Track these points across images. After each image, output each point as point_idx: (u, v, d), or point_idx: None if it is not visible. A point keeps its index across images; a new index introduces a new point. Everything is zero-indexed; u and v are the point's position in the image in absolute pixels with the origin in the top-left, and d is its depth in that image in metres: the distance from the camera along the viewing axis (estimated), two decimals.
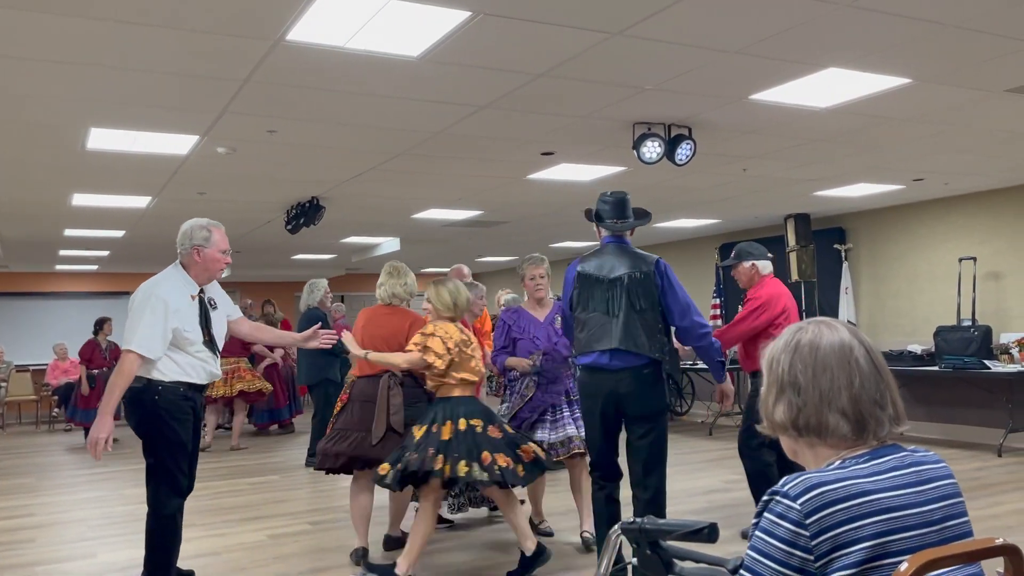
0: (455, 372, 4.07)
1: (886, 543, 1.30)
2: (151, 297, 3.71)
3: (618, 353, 3.75)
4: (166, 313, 3.67)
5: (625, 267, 3.80)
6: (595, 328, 3.80)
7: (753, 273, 4.94)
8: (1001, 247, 8.35)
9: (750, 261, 4.95)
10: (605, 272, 3.82)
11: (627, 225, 3.94)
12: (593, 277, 3.84)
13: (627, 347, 3.73)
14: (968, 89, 4.72)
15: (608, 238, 3.95)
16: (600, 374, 3.80)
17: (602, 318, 3.79)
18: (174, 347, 3.72)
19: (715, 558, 1.60)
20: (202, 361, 3.81)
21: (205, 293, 3.90)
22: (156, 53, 3.78)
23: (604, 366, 3.78)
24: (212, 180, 6.76)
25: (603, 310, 3.80)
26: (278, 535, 5.29)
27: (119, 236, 10.01)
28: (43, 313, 14.65)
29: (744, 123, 5.36)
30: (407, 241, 10.94)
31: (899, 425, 1.45)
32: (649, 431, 3.82)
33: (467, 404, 4.09)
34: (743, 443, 4.91)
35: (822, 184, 7.78)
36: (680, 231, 11.16)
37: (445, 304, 4.17)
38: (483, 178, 7.01)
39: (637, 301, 3.76)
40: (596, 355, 3.80)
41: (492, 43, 3.78)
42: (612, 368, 3.77)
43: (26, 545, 5.27)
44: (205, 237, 3.85)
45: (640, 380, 3.77)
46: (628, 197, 3.98)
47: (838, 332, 1.48)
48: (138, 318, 3.68)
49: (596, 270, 3.85)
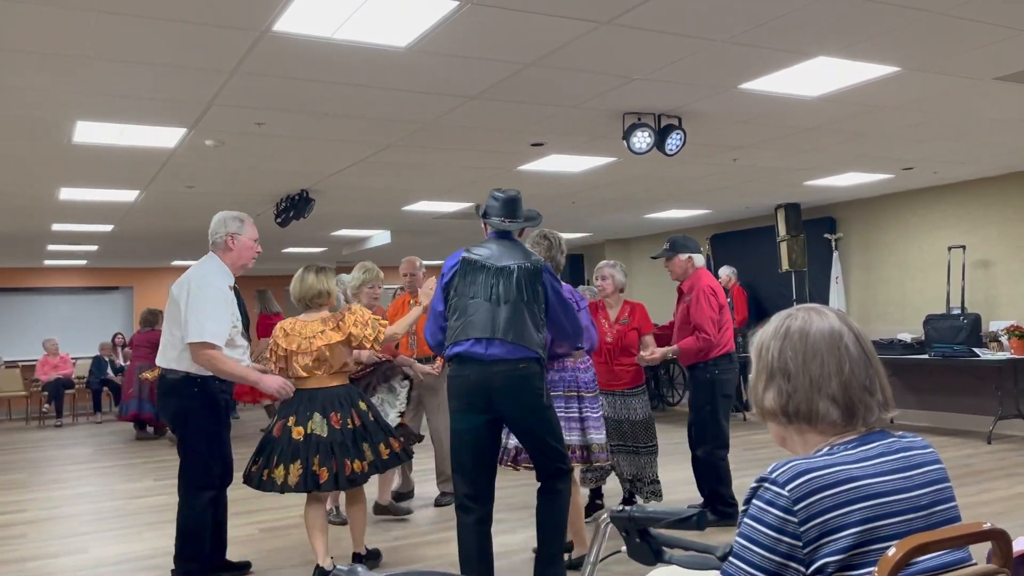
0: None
1: (874, 528, 1.31)
2: (209, 287, 3.74)
3: (500, 343, 3.44)
4: (226, 301, 3.77)
5: (515, 258, 3.55)
6: (474, 314, 3.49)
7: (688, 266, 5.08)
8: (990, 235, 8.38)
9: (686, 254, 5.09)
10: (492, 260, 3.55)
11: (515, 226, 3.71)
12: (479, 263, 3.55)
13: (512, 338, 3.44)
14: (957, 77, 4.73)
15: (493, 234, 3.70)
16: (471, 365, 3.46)
17: (484, 304, 3.49)
18: None
19: (705, 545, 1.61)
20: (241, 349, 3.89)
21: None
22: (142, 45, 3.75)
23: (478, 356, 3.45)
24: (200, 173, 6.72)
25: (485, 296, 3.50)
26: (270, 528, 5.28)
27: (108, 230, 9.96)
28: (32, 308, 14.56)
29: (734, 113, 5.36)
30: (398, 233, 10.92)
31: (888, 411, 1.46)
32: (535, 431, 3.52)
33: None
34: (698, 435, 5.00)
35: (812, 174, 7.79)
36: (671, 222, 11.17)
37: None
38: (473, 169, 6.99)
39: (524, 292, 3.50)
40: (471, 343, 3.47)
41: (480, 33, 3.76)
42: (487, 359, 3.43)
43: (17, 541, 5.25)
44: (239, 226, 3.97)
45: (516, 374, 3.44)
46: (520, 197, 3.74)
47: (827, 318, 1.48)
48: (202, 309, 3.67)
49: (482, 258, 3.57)
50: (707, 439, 4.93)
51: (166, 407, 3.88)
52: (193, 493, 3.86)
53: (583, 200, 8.64)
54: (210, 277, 3.82)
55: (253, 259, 4.05)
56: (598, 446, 4.18)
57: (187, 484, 3.88)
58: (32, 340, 13.29)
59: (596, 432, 4.20)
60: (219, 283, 3.82)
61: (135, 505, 6.14)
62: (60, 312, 14.54)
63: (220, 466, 3.92)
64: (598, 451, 4.17)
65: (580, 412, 4.20)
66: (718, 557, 1.52)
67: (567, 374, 4.23)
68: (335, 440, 3.87)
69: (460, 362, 3.49)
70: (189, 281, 3.80)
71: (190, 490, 3.87)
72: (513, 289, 3.49)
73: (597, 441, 4.18)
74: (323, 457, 3.83)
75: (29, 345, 13.35)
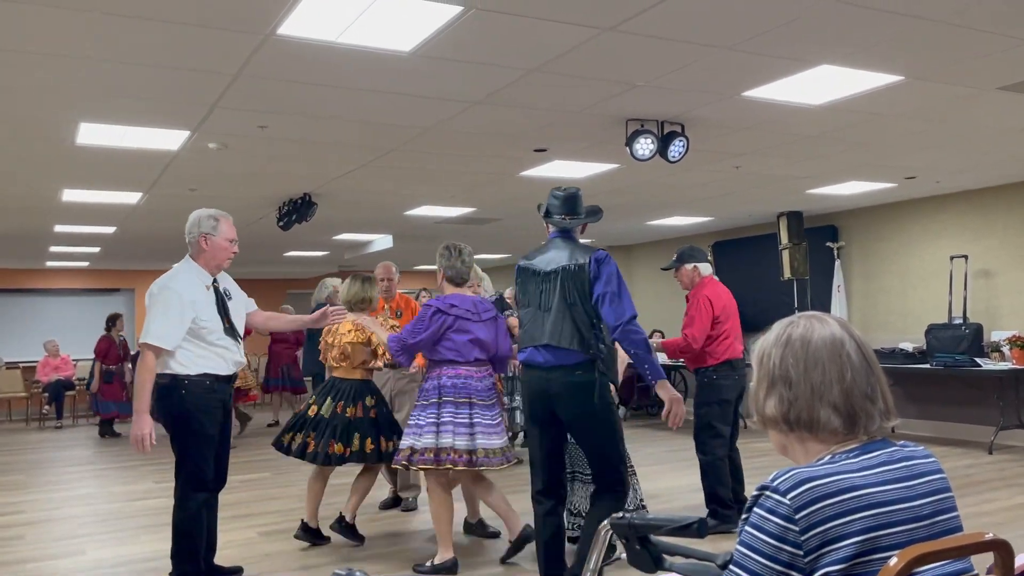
0: None
1: (875, 538, 1.30)
2: (164, 290, 3.79)
3: (550, 349, 3.55)
4: (180, 305, 3.75)
5: (562, 260, 3.62)
6: (530, 323, 3.66)
7: (694, 275, 5.16)
8: (992, 245, 8.37)
9: (691, 264, 5.17)
10: (542, 266, 3.67)
11: (576, 222, 3.77)
12: (530, 271, 3.71)
13: (558, 343, 3.53)
14: (960, 86, 4.73)
15: (554, 233, 3.78)
16: (533, 371, 3.63)
17: (536, 312, 3.64)
18: (195, 339, 3.79)
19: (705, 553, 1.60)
20: (224, 349, 3.88)
21: (219, 283, 3.98)
22: (146, 47, 3.75)
23: (538, 363, 3.60)
24: (203, 176, 6.73)
25: (536, 304, 3.64)
26: (269, 532, 5.27)
27: (110, 232, 9.97)
28: (34, 310, 14.57)
29: (737, 120, 5.36)
30: (400, 238, 10.92)
31: (889, 419, 1.45)
32: (591, 435, 3.59)
33: None
34: (698, 437, 5.12)
35: (815, 182, 7.79)
36: (673, 229, 11.17)
37: None
38: (476, 174, 6.99)
39: (568, 295, 3.55)
40: (531, 351, 3.62)
41: (484, 38, 3.76)
42: (544, 365, 3.57)
43: (15, 542, 5.24)
44: (213, 226, 3.94)
45: (571, 380, 3.52)
46: (580, 193, 3.81)
47: (829, 326, 1.47)
48: (152, 312, 3.76)
49: (534, 264, 3.71)
50: (705, 442, 5.05)
51: (158, 410, 3.86)
52: (186, 495, 3.86)
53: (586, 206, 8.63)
54: (172, 281, 3.83)
55: (229, 259, 4.00)
56: (484, 451, 4.14)
57: (180, 486, 3.88)
58: (33, 341, 13.28)
59: (485, 438, 4.17)
60: (178, 287, 3.79)
61: (134, 507, 6.13)
62: (61, 313, 14.54)
63: (214, 469, 3.91)
64: (483, 456, 4.13)
65: (470, 418, 4.17)
66: (719, 565, 1.51)
67: (459, 381, 4.20)
68: (332, 422, 4.60)
69: (526, 369, 3.71)
70: (153, 285, 3.85)
71: (184, 492, 3.87)
72: (557, 293, 3.57)
73: (483, 446, 4.15)
74: (317, 434, 4.61)
75: (30, 346, 13.35)
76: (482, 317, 4.25)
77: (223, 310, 3.90)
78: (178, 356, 3.77)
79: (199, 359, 3.80)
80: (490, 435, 4.21)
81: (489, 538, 4.97)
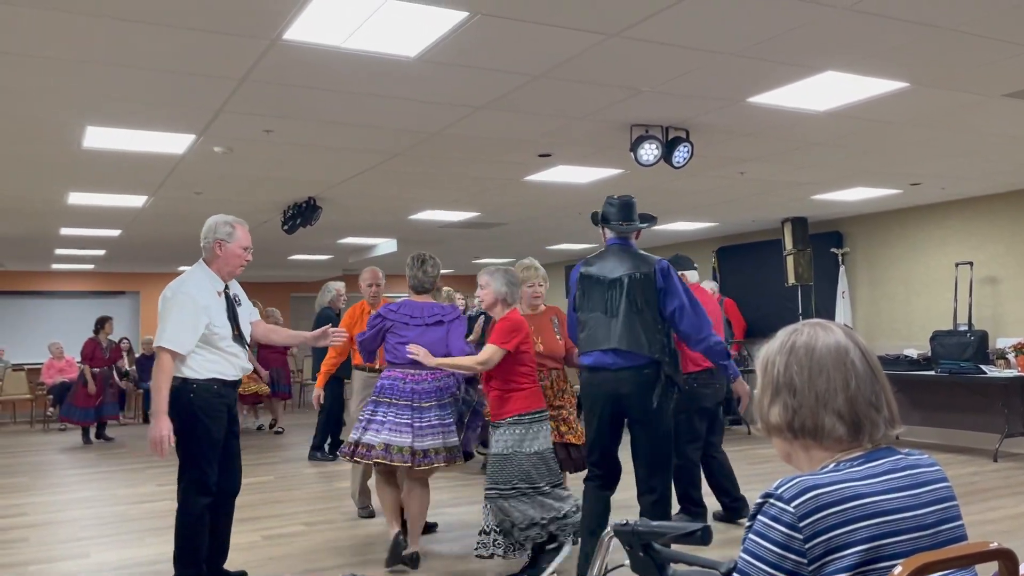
0: None
1: (880, 547, 1.29)
2: (178, 294, 3.82)
3: (619, 353, 3.78)
4: (195, 309, 3.78)
5: (626, 268, 3.85)
6: (595, 328, 3.85)
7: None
8: (998, 252, 8.35)
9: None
10: (605, 273, 3.89)
11: (632, 228, 4.01)
12: (594, 278, 3.91)
13: (627, 347, 3.76)
14: (965, 93, 4.72)
15: (612, 240, 4.02)
16: (602, 373, 3.84)
17: (602, 318, 3.84)
18: (206, 344, 3.82)
19: (709, 561, 1.59)
20: (233, 355, 3.91)
21: (230, 290, 4.00)
22: (153, 51, 3.77)
23: (607, 366, 3.82)
24: (209, 179, 6.74)
25: (602, 310, 3.85)
26: (272, 536, 5.27)
27: (115, 235, 9.99)
28: (39, 312, 14.62)
29: (742, 126, 5.36)
30: (404, 242, 10.93)
31: (894, 427, 1.45)
32: (651, 432, 3.84)
33: None
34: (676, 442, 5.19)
35: (819, 188, 7.78)
36: (677, 234, 11.16)
37: None
38: (480, 179, 7.00)
39: (636, 301, 3.79)
40: (598, 354, 3.84)
41: (489, 44, 3.77)
42: (613, 367, 3.80)
43: (19, 544, 5.25)
44: (228, 232, 3.97)
45: (640, 380, 3.78)
46: (635, 201, 4.07)
47: (833, 334, 1.47)
48: (166, 315, 3.78)
49: (597, 271, 3.92)
50: (681, 447, 5.09)
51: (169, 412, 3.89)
52: (189, 498, 3.86)
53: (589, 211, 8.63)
54: (185, 285, 3.86)
55: (242, 267, 4.03)
56: (421, 452, 4.30)
57: (183, 489, 3.89)
58: (38, 343, 13.30)
59: (419, 440, 4.32)
60: (192, 291, 3.81)
61: (137, 510, 6.13)
62: (66, 316, 14.58)
63: (218, 473, 3.91)
64: (421, 456, 4.29)
65: (411, 419, 4.34)
66: (722, 573, 1.51)
67: (394, 382, 4.41)
68: None
69: (591, 371, 3.87)
70: (166, 289, 3.87)
71: (187, 495, 3.88)
72: (624, 300, 3.80)
73: (419, 447, 4.30)
74: None
75: (35, 349, 13.38)
76: (426, 322, 4.44)
77: (233, 316, 3.93)
78: (188, 360, 3.79)
79: (209, 364, 3.82)
80: (430, 436, 4.36)
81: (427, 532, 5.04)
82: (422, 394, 4.42)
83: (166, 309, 3.81)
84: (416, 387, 4.43)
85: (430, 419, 4.38)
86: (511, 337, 4.06)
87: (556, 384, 4.65)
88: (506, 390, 4.11)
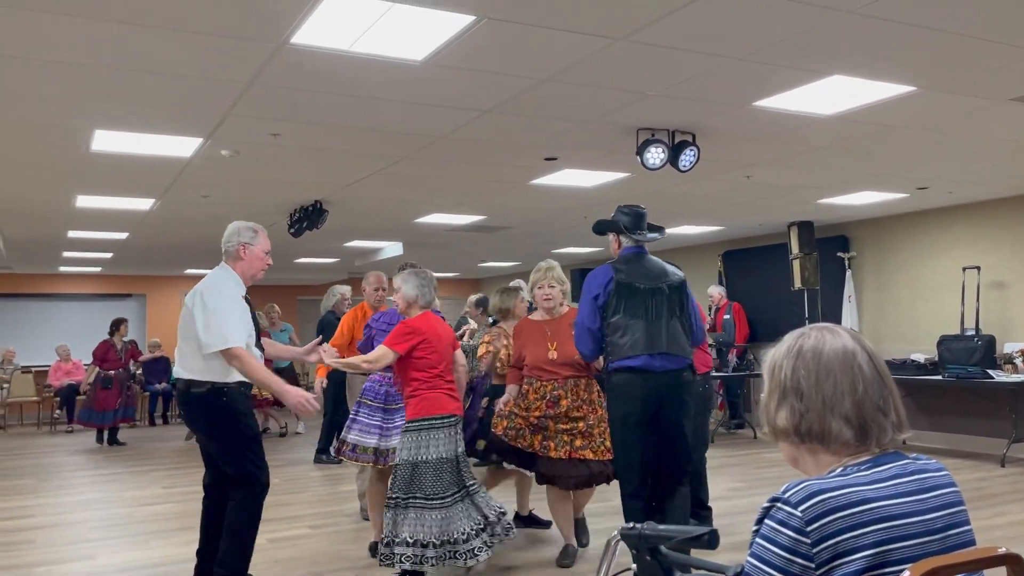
0: None
1: (887, 551, 1.29)
2: (226, 296, 3.81)
3: (665, 356, 4.01)
4: (239, 308, 3.82)
5: (660, 276, 4.12)
6: (636, 334, 4.00)
7: None
8: (1005, 257, 8.33)
9: None
10: (642, 281, 4.06)
11: (655, 238, 4.23)
12: (632, 286, 4.04)
13: (672, 351, 4.02)
14: (973, 97, 4.71)
15: (630, 248, 4.17)
16: (648, 375, 4.00)
17: (644, 323, 4.01)
18: None
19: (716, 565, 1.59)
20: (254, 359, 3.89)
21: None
22: (161, 55, 3.79)
23: (653, 368, 3.99)
24: (215, 183, 6.77)
25: (644, 316, 4.01)
26: (277, 539, 5.28)
27: (122, 238, 10.03)
28: (46, 314, 14.66)
29: (748, 130, 5.36)
30: (410, 245, 10.94)
31: (901, 432, 1.44)
32: (685, 429, 4.14)
33: None
34: None
35: (826, 192, 7.77)
36: (683, 238, 11.15)
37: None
38: (486, 183, 7.01)
39: (675, 308, 4.09)
40: (646, 358, 3.99)
41: (496, 48, 3.78)
42: (660, 370, 4.00)
43: (26, 546, 5.26)
44: (252, 237, 4.00)
45: (682, 382, 4.07)
46: (645, 212, 4.26)
47: (841, 338, 1.47)
48: (220, 316, 3.73)
49: (633, 279, 4.06)
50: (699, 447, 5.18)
51: (194, 420, 3.84)
52: (248, 496, 3.82)
53: (595, 215, 8.62)
54: (220, 285, 3.86)
55: (263, 271, 4.08)
56: (384, 451, 4.66)
57: (241, 487, 3.83)
58: (45, 346, 13.36)
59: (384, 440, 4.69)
60: (232, 293, 3.84)
61: (144, 512, 6.14)
62: (73, 318, 14.63)
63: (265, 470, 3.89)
64: (384, 456, 4.63)
65: (382, 421, 4.74)
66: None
67: (372, 385, 4.85)
68: None
69: (633, 374, 3.99)
70: (200, 292, 3.82)
71: (245, 493, 3.82)
72: (666, 306, 4.06)
73: (383, 447, 4.67)
74: None
75: (42, 351, 13.43)
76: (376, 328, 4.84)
77: (255, 320, 3.96)
78: (216, 365, 3.74)
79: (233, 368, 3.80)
80: (395, 436, 4.61)
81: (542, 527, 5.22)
82: (396, 396, 4.67)
83: (214, 310, 3.74)
84: (390, 390, 4.75)
85: (399, 421, 4.58)
86: (403, 340, 4.06)
87: (575, 393, 4.45)
88: (406, 395, 4.17)
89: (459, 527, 3.97)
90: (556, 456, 4.36)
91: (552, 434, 4.41)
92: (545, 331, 4.53)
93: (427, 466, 3.99)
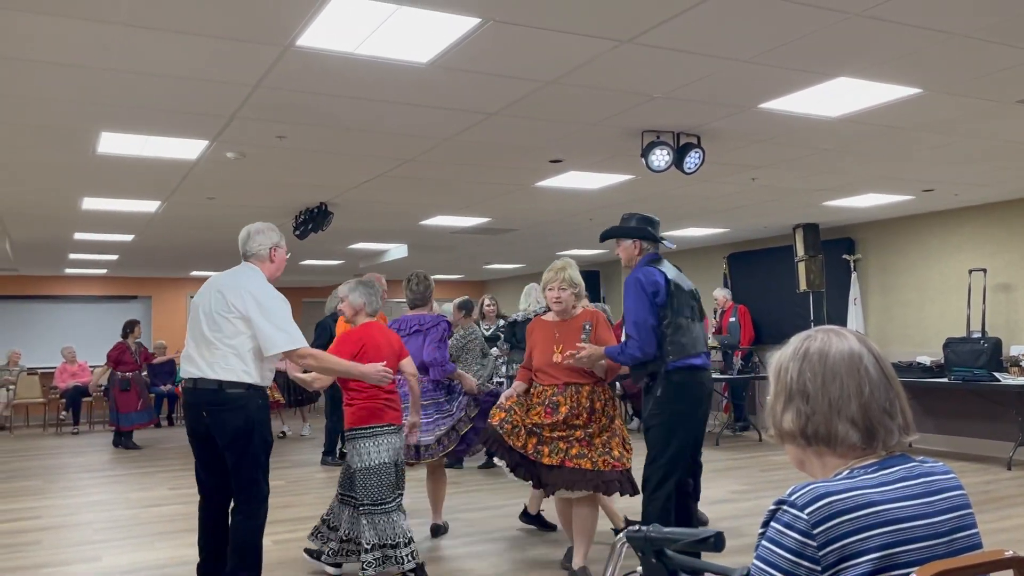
0: None
1: (894, 555, 1.29)
2: (278, 297, 3.80)
3: (707, 355, 4.31)
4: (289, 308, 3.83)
5: (687, 278, 4.30)
6: (692, 334, 4.16)
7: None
8: (1012, 259, 8.30)
9: None
10: (682, 282, 4.21)
11: (670, 247, 4.49)
12: (679, 286, 4.17)
13: (707, 350, 4.30)
14: (979, 100, 4.70)
15: (652, 254, 4.28)
16: (704, 374, 4.23)
17: (692, 324, 4.17)
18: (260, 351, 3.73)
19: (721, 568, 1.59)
20: (271, 363, 3.86)
21: None
22: (167, 58, 3.80)
23: (707, 366, 4.25)
24: (221, 185, 6.78)
25: (692, 317, 4.18)
26: (282, 541, 5.28)
27: (128, 240, 10.05)
28: (52, 316, 14.70)
29: (753, 132, 5.35)
30: (415, 247, 10.95)
31: (908, 434, 1.44)
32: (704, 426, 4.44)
33: None
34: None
35: (831, 194, 7.76)
36: (688, 240, 11.14)
37: None
38: (491, 185, 7.01)
39: (700, 310, 4.28)
40: (703, 357, 4.20)
41: (501, 50, 3.78)
42: (708, 368, 4.29)
43: (32, 547, 5.28)
44: (279, 239, 4.00)
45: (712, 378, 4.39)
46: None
47: (847, 340, 1.46)
48: (282, 317, 3.72)
49: (678, 280, 4.19)
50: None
51: (226, 422, 3.67)
52: (258, 507, 3.75)
53: (600, 217, 8.63)
54: (266, 287, 3.80)
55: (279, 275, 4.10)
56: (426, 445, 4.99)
57: (252, 498, 3.73)
58: (51, 347, 13.40)
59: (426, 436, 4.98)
60: (277, 292, 3.81)
61: (149, 514, 6.16)
62: (79, 320, 14.66)
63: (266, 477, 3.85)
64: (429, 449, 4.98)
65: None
66: None
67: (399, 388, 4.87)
68: None
69: (697, 371, 4.15)
70: (250, 293, 3.70)
71: (253, 504, 3.74)
72: (698, 307, 4.26)
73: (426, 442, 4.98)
74: None
75: (48, 353, 13.47)
76: (408, 332, 5.05)
77: None
78: (253, 367, 3.68)
79: (267, 372, 3.78)
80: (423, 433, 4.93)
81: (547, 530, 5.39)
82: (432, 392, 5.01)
83: (275, 311, 3.69)
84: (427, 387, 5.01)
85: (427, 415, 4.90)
86: (340, 349, 4.19)
87: (575, 400, 4.26)
88: (344, 403, 4.32)
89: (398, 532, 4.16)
90: (549, 463, 4.22)
91: (546, 440, 4.26)
92: (554, 333, 4.39)
93: (361, 473, 4.17)
